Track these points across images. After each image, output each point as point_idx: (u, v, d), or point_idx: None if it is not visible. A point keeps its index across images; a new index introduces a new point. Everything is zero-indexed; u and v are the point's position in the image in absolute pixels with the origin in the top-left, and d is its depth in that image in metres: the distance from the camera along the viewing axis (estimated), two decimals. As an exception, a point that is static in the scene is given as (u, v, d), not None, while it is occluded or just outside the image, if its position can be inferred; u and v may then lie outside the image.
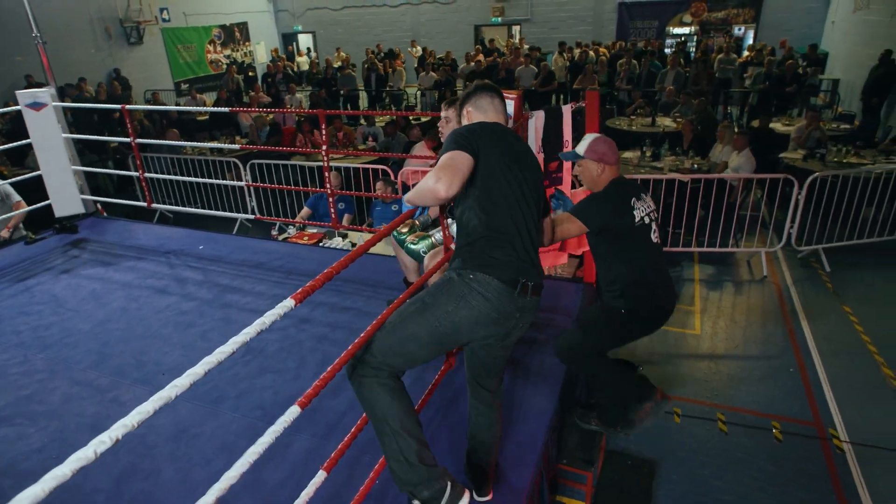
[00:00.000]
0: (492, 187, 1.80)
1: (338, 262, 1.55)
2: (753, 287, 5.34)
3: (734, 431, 3.55)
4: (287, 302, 1.25)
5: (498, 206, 1.80)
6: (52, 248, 4.60)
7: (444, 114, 2.69)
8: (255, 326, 1.18)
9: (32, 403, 2.76)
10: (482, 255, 1.77)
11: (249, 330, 1.17)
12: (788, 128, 8.04)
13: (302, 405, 1.40)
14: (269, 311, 1.22)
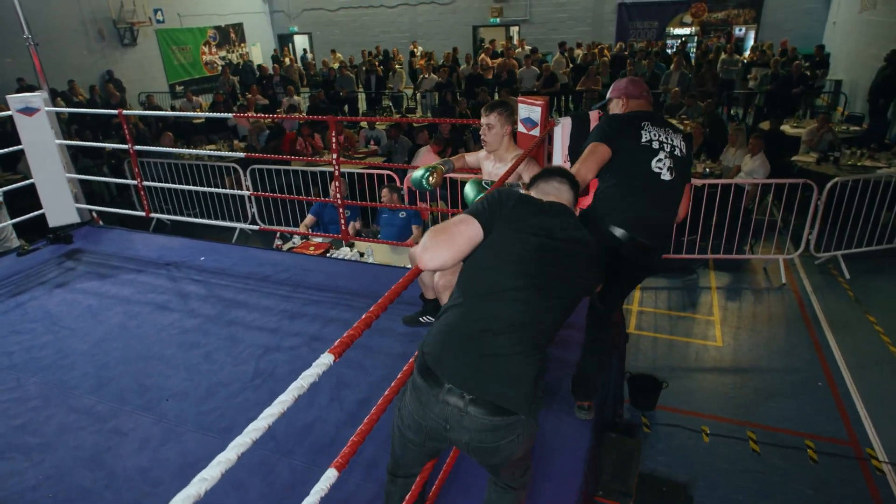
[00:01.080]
0: (482, 278, 1.51)
1: (391, 290, 1.36)
2: (772, 295, 5.19)
3: (767, 452, 3.39)
4: (325, 358, 1.07)
5: (476, 296, 1.49)
6: (45, 260, 4.39)
7: (485, 120, 2.53)
8: (291, 392, 1.00)
9: (26, 434, 2.56)
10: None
11: (285, 398, 0.99)
12: (797, 130, 7.91)
13: (339, 467, 1.21)
14: (307, 372, 1.04)
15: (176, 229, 6.71)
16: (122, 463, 2.35)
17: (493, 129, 2.55)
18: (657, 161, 2.13)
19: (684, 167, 2.20)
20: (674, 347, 4.48)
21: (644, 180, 2.12)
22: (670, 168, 2.13)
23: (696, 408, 3.80)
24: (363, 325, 1.21)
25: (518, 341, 1.45)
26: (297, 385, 1.01)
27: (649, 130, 2.18)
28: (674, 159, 2.15)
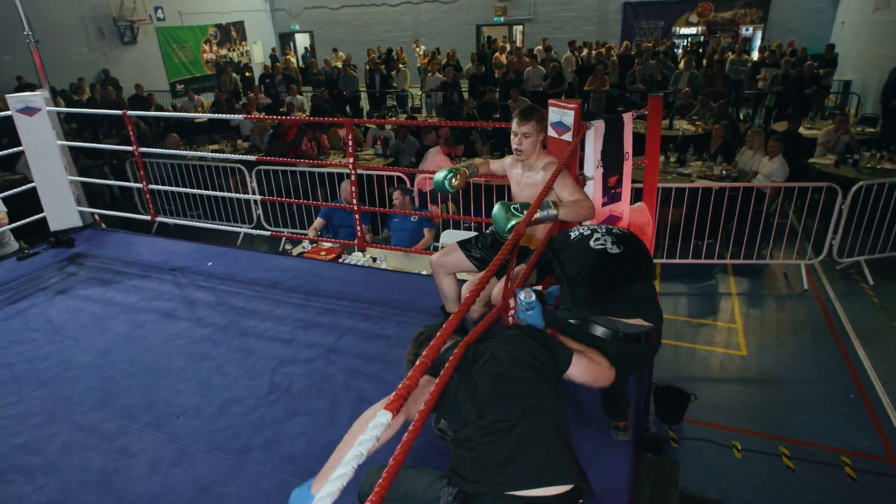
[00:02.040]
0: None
1: (455, 314, 1.20)
2: (795, 302, 5.05)
3: (801, 468, 3.25)
4: (383, 418, 0.93)
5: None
6: (46, 265, 4.23)
7: (521, 129, 2.37)
8: (350, 463, 0.85)
9: (28, 454, 2.40)
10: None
11: (343, 471, 0.84)
12: (811, 131, 7.78)
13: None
14: (365, 437, 0.89)
15: (178, 232, 6.55)
16: (132, 487, 2.20)
17: (530, 137, 2.41)
18: (594, 241, 2.05)
19: (626, 241, 2.09)
20: (696, 356, 4.34)
21: (591, 262, 2.00)
22: (613, 243, 2.05)
23: (724, 421, 3.65)
24: (419, 373, 1.06)
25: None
26: (356, 453, 0.86)
27: (575, 228, 2.17)
28: (612, 235, 2.09)
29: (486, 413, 1.45)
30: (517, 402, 1.49)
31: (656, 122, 2.82)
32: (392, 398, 0.98)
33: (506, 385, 1.51)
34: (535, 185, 2.54)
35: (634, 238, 2.16)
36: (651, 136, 2.85)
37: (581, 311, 1.94)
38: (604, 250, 2.02)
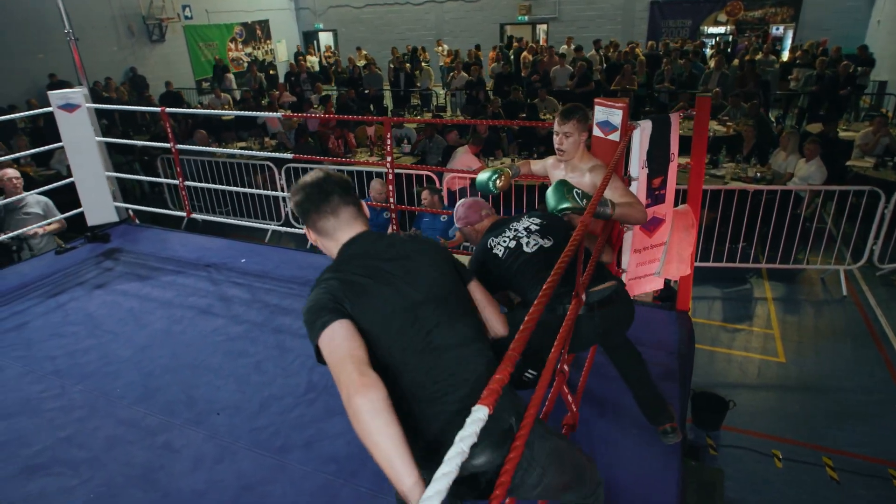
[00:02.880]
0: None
1: (524, 328, 1.16)
2: (834, 308, 4.92)
3: (847, 480, 3.15)
4: (479, 413, 0.90)
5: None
6: (83, 259, 4.29)
7: (562, 128, 2.33)
8: (452, 461, 0.83)
9: (73, 447, 2.43)
10: None
11: (447, 469, 0.82)
12: (847, 133, 7.59)
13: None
14: (463, 433, 0.86)
15: (207, 228, 6.61)
16: (176, 483, 2.21)
17: (571, 137, 2.37)
18: (528, 245, 2.11)
19: (551, 228, 2.17)
20: (732, 362, 4.25)
21: (534, 266, 2.06)
22: (542, 237, 2.13)
23: (763, 429, 3.57)
24: (508, 367, 1.03)
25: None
26: (458, 450, 0.84)
27: (497, 242, 2.17)
28: (536, 233, 2.14)
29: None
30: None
31: (704, 123, 2.75)
32: (486, 394, 0.95)
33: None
34: (579, 187, 2.49)
35: (553, 219, 2.20)
36: (698, 138, 2.78)
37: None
38: (539, 248, 2.09)
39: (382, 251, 1.42)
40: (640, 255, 2.90)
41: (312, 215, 1.46)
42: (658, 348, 2.90)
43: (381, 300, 1.33)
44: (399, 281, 1.37)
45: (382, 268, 1.38)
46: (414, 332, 1.33)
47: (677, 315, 3.17)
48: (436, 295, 1.39)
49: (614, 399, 2.54)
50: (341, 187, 1.47)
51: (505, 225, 2.24)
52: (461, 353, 1.37)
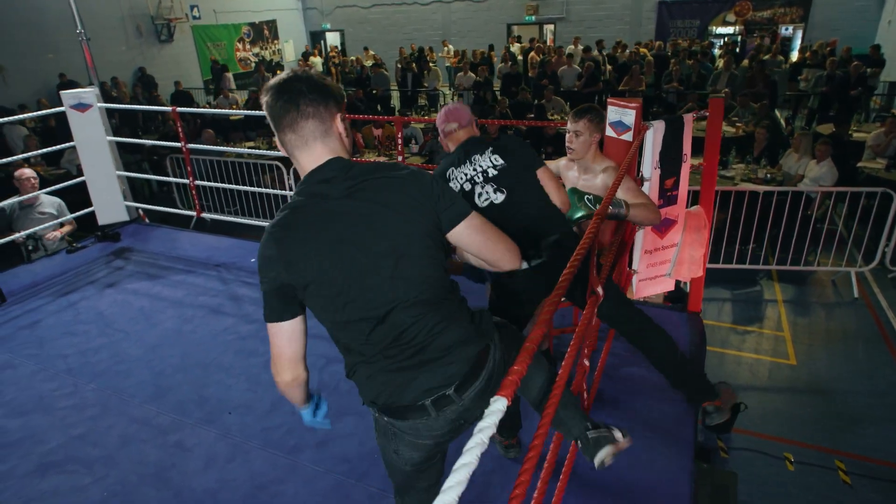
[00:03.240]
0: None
1: (543, 312, 1.15)
2: (845, 310, 4.88)
3: (859, 484, 3.13)
4: (499, 404, 0.90)
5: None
6: (94, 258, 4.32)
7: (573, 126, 2.33)
8: (473, 451, 0.82)
9: (86, 446, 2.45)
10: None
11: (467, 459, 0.81)
12: (858, 134, 7.53)
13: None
14: (483, 424, 0.86)
15: (215, 227, 6.63)
16: (189, 482, 2.22)
17: (582, 136, 2.37)
18: (479, 197, 2.04)
19: (509, 175, 2.04)
20: (742, 364, 4.23)
21: (488, 214, 1.98)
22: (495, 190, 2.03)
23: (774, 432, 3.55)
24: (526, 358, 1.02)
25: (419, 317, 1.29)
26: (478, 441, 0.83)
27: (456, 176, 2.07)
28: (492, 181, 2.03)
29: None
30: None
31: (717, 124, 2.73)
32: (505, 384, 0.95)
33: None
34: (591, 188, 2.48)
35: (515, 160, 2.03)
36: (711, 139, 2.77)
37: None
38: (490, 205, 2.03)
39: (337, 201, 1.22)
40: (652, 255, 2.88)
41: (276, 127, 1.25)
42: (670, 350, 2.88)
43: (317, 270, 1.22)
44: (346, 246, 1.22)
45: (329, 231, 1.21)
46: (350, 309, 1.26)
47: (689, 317, 3.15)
48: (390, 256, 1.24)
49: (626, 401, 2.54)
50: (309, 91, 1.21)
51: (471, 153, 2.07)
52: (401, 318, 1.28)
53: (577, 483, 2.08)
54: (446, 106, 2.19)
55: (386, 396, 1.33)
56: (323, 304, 1.27)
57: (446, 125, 2.14)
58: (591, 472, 2.15)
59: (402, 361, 1.30)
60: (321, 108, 1.23)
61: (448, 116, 2.14)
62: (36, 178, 4.30)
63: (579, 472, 2.11)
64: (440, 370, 1.30)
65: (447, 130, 2.15)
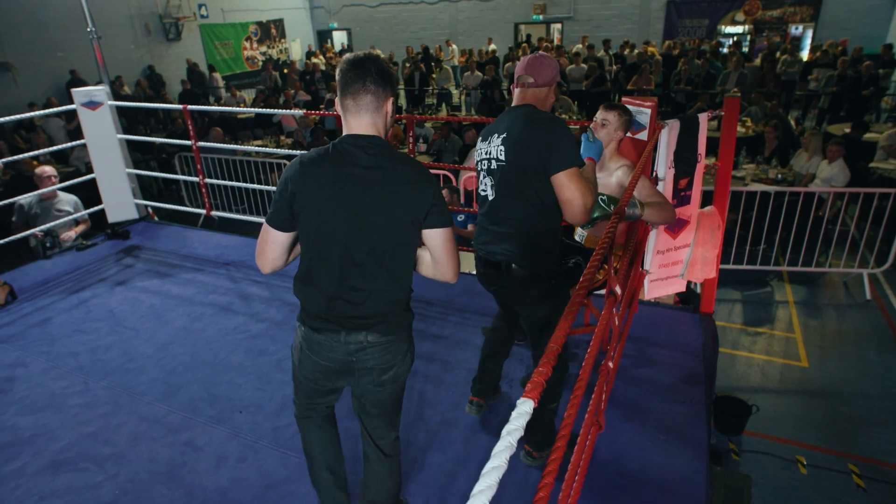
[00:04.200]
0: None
1: (554, 340, 1.13)
2: (857, 312, 4.84)
3: (874, 488, 3.09)
4: (525, 406, 0.88)
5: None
6: (104, 256, 4.33)
7: (602, 115, 2.34)
8: (502, 454, 0.81)
9: (98, 444, 2.45)
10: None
11: (497, 463, 0.80)
12: (869, 134, 7.46)
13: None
14: (510, 427, 0.84)
15: (223, 225, 6.65)
16: (200, 481, 2.22)
17: (608, 126, 2.36)
18: (482, 187, 2.05)
19: (506, 173, 1.91)
20: (754, 366, 4.19)
21: (482, 205, 2.07)
22: (491, 185, 1.99)
23: (786, 434, 3.51)
24: (550, 360, 1.01)
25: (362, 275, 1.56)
26: (507, 444, 0.82)
27: (478, 150, 2.05)
28: (492, 175, 1.98)
29: None
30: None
31: (732, 124, 2.71)
32: (529, 387, 0.93)
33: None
34: (605, 186, 2.47)
35: (520, 149, 1.85)
36: (726, 139, 2.75)
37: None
38: (485, 198, 2.04)
39: (358, 167, 1.49)
40: (664, 256, 2.86)
41: (340, 91, 1.52)
42: (683, 351, 2.87)
43: (313, 209, 1.51)
44: (338, 211, 1.50)
45: (332, 190, 1.49)
46: (324, 251, 1.54)
47: (701, 318, 3.13)
48: (361, 241, 1.52)
49: (640, 402, 2.52)
50: (376, 73, 1.49)
51: (494, 131, 1.97)
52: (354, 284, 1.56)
53: (592, 485, 2.06)
54: (536, 53, 2.02)
55: (314, 313, 1.62)
56: (305, 233, 1.55)
57: (520, 76, 1.95)
58: (607, 474, 2.13)
59: (337, 296, 1.58)
60: (380, 89, 1.50)
61: (527, 66, 1.93)
62: (56, 176, 4.33)
63: (594, 474, 2.10)
64: (360, 314, 1.58)
65: (518, 81, 1.96)
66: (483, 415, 2.48)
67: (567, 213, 1.85)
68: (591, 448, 1.96)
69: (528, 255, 1.94)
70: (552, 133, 1.81)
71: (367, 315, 1.57)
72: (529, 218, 1.92)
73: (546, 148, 1.80)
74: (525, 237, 1.93)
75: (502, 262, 1.98)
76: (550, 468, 0.96)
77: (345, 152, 1.50)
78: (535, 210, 1.90)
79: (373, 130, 1.53)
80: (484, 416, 2.47)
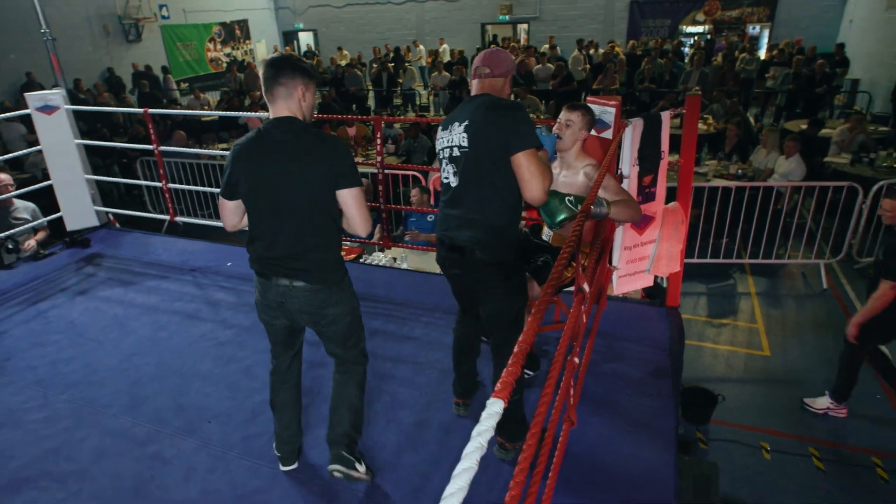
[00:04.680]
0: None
1: (521, 343, 1.14)
2: (815, 301, 5.01)
3: (834, 470, 3.21)
4: (495, 406, 0.89)
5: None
6: (63, 265, 4.19)
7: (566, 116, 2.36)
8: (472, 455, 0.81)
9: (59, 460, 2.37)
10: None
11: (467, 464, 0.80)
12: (825, 131, 7.74)
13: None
14: (482, 428, 0.85)
15: (188, 231, 6.49)
16: (169, 495, 2.17)
17: (572, 127, 2.39)
18: (445, 175, 2.09)
19: (468, 160, 1.97)
20: (719, 357, 4.31)
21: (444, 192, 2.13)
22: (454, 173, 2.03)
23: (751, 422, 3.62)
24: (519, 359, 1.02)
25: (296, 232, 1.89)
26: (477, 445, 0.82)
27: (440, 139, 2.09)
28: (455, 162, 2.02)
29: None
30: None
31: (693, 121, 2.78)
32: (499, 387, 0.94)
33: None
34: (572, 185, 2.50)
35: (472, 152, 1.93)
36: (687, 136, 2.81)
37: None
38: (448, 184, 2.09)
39: (278, 142, 1.83)
40: (631, 252, 2.92)
41: (262, 87, 1.86)
42: (650, 345, 2.93)
43: (247, 181, 1.88)
44: (264, 179, 1.84)
45: (259, 163, 1.85)
46: (259, 211, 1.89)
47: (667, 311, 3.20)
48: (284, 202, 1.85)
49: (611, 397, 2.56)
50: (286, 68, 1.83)
51: (456, 119, 2.01)
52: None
53: (565, 479, 2.09)
54: (493, 47, 2.13)
55: (255, 260, 1.96)
56: (244, 198, 1.91)
57: (477, 67, 2.06)
58: (579, 469, 2.16)
59: (270, 247, 1.91)
60: (290, 80, 1.84)
61: (484, 58, 2.05)
62: (13, 184, 4.16)
63: (567, 469, 2.12)
64: (290, 264, 1.90)
65: (475, 73, 2.06)
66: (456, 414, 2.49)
67: (526, 193, 1.94)
68: (563, 444, 1.98)
69: (491, 242, 2.00)
70: (513, 117, 1.91)
71: (293, 266, 1.89)
72: (492, 204, 1.98)
73: (507, 130, 1.88)
74: (488, 223, 2.00)
75: (465, 247, 2.02)
76: (521, 466, 0.97)
77: (266, 132, 1.86)
78: (498, 196, 1.97)
79: (287, 113, 1.86)
80: (457, 416, 2.48)
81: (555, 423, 1.54)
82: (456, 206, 2.04)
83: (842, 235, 5.21)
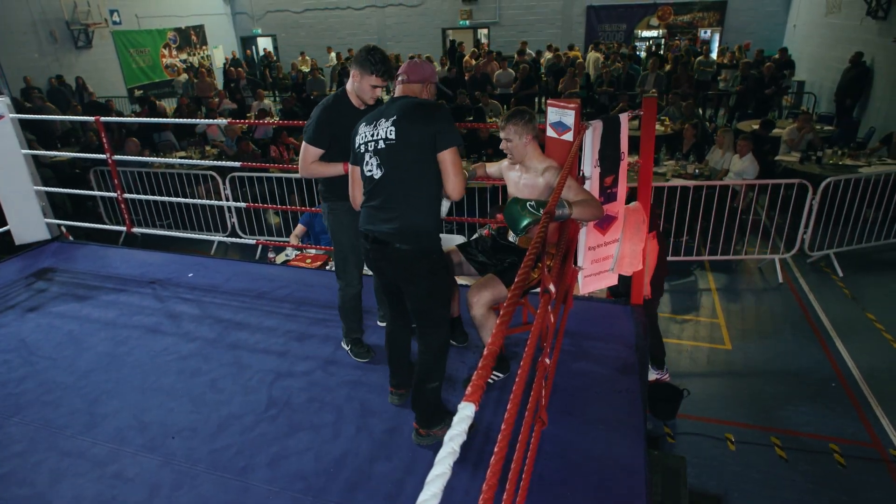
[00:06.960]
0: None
1: (491, 344, 1.14)
2: (771, 295, 5.20)
3: (794, 458, 3.33)
4: (466, 410, 0.88)
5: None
6: (11, 281, 4.00)
7: (502, 135, 2.49)
8: (445, 461, 0.80)
9: (13, 485, 2.25)
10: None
11: (440, 470, 0.79)
12: (775, 130, 8.05)
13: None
14: (454, 433, 0.84)
15: (147, 242, 6.30)
16: (132, 515, 2.08)
17: (512, 142, 2.46)
18: (365, 165, 2.17)
19: (394, 152, 2.10)
20: (683, 352, 4.42)
21: (367, 185, 2.20)
22: (378, 165, 2.14)
23: (715, 415, 3.72)
24: (490, 361, 1.02)
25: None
26: (450, 450, 0.82)
27: (360, 133, 2.21)
28: (377, 155, 2.13)
29: None
30: None
31: (651, 123, 2.85)
32: (470, 390, 0.94)
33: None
34: (534, 187, 2.53)
35: (399, 144, 2.08)
36: (646, 137, 2.88)
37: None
38: (371, 177, 2.16)
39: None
40: (595, 252, 2.96)
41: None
42: (616, 342, 2.98)
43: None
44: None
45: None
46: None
47: (632, 309, 3.26)
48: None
49: (580, 395, 2.59)
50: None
51: (382, 115, 2.15)
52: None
53: (538, 479, 2.10)
54: (414, 59, 2.32)
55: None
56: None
57: (398, 74, 2.26)
58: (551, 467, 2.18)
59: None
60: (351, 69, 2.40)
61: (404, 68, 2.25)
62: None
63: (539, 468, 2.14)
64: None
65: (396, 79, 2.27)
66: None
67: (449, 187, 2.12)
68: (535, 445, 1.99)
69: (415, 233, 2.11)
70: (440, 116, 2.09)
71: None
72: (416, 195, 2.11)
73: (435, 128, 2.06)
74: (411, 214, 2.11)
75: (389, 239, 2.12)
76: (494, 469, 0.97)
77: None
78: (421, 187, 2.11)
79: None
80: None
81: (528, 425, 1.55)
82: (379, 198, 2.14)
83: (794, 230, 5.43)
